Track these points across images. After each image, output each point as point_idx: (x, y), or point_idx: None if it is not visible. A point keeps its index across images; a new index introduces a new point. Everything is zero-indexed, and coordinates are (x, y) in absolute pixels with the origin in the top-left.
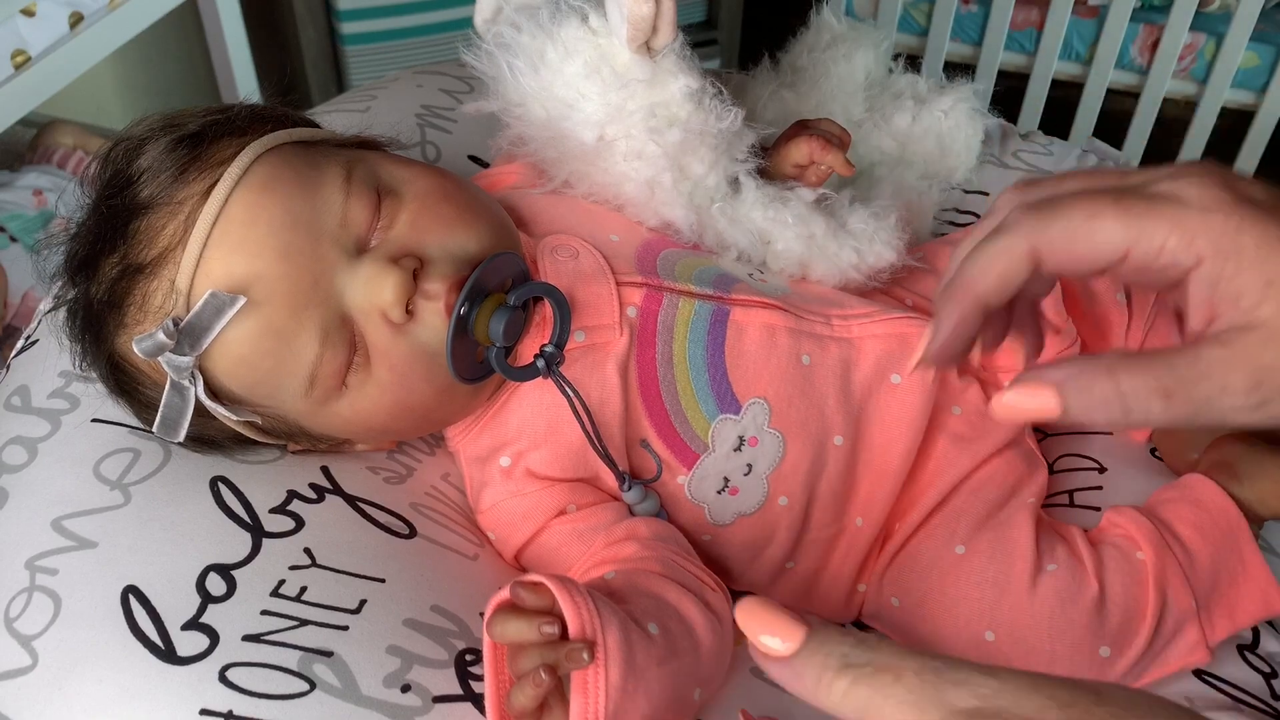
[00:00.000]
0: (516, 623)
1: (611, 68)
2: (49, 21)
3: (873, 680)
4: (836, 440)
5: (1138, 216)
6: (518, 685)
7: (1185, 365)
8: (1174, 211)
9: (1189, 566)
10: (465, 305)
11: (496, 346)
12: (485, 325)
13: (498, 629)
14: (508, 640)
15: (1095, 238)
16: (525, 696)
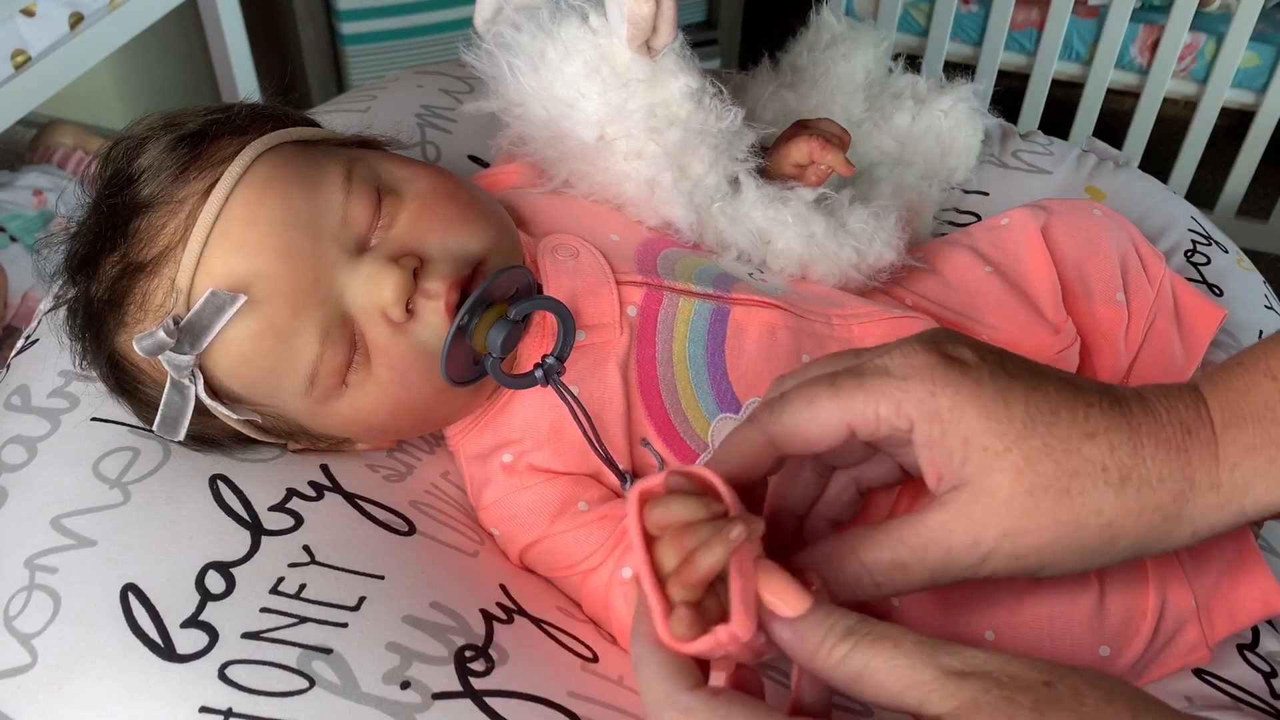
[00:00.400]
0: (681, 503)
1: (611, 67)
2: (49, 21)
3: (873, 645)
4: None
5: (848, 395)
6: (706, 548)
7: (912, 536)
8: (880, 383)
9: (1189, 566)
10: (467, 316)
11: (493, 356)
12: (484, 335)
13: (663, 510)
14: (677, 519)
15: (817, 420)
16: (716, 555)
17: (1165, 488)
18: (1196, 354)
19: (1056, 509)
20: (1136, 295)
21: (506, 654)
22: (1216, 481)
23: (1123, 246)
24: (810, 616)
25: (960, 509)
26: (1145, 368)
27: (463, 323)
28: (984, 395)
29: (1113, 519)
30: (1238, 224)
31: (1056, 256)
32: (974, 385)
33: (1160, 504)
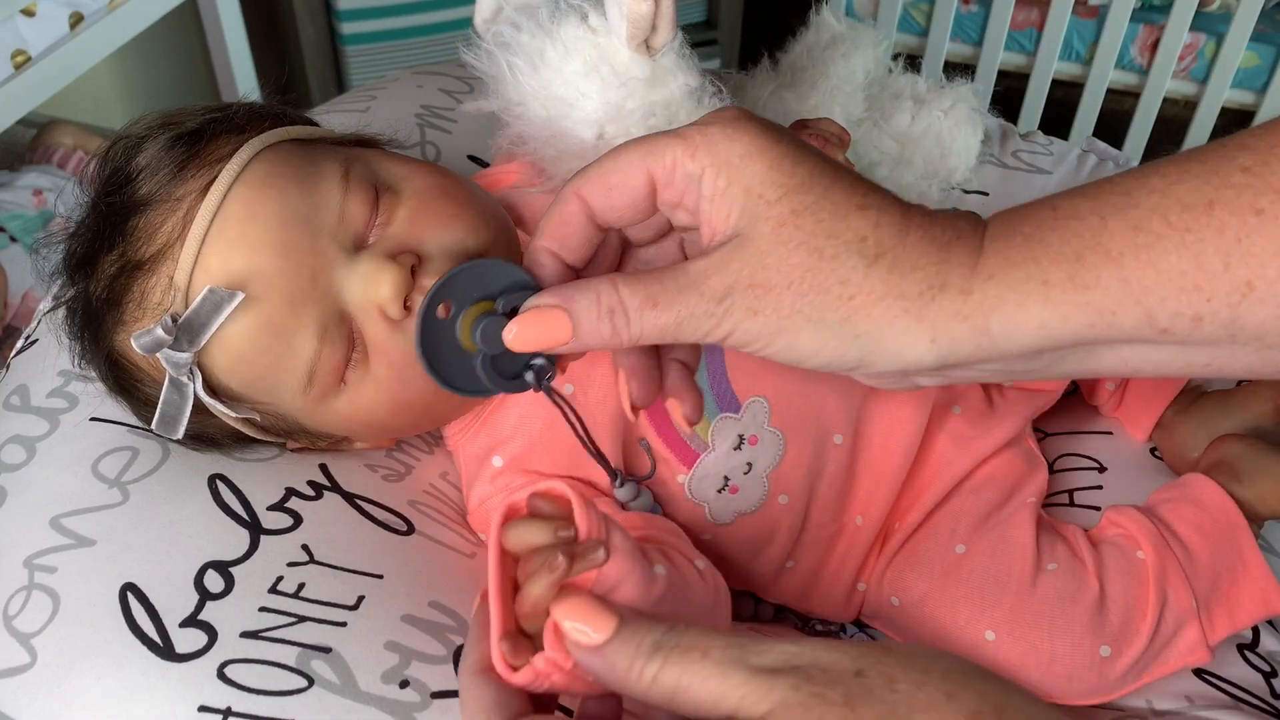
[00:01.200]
0: (532, 527)
1: (611, 66)
2: (49, 21)
3: (681, 659)
4: (836, 439)
5: (651, 141)
6: (532, 579)
7: (671, 277)
8: (685, 131)
9: (1189, 566)
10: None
11: (483, 353)
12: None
13: (514, 534)
14: (524, 544)
15: (619, 166)
16: (540, 586)
17: (916, 277)
18: None
19: (805, 267)
20: None
21: None
22: (968, 287)
23: None
24: (616, 639)
25: (721, 257)
26: None
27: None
28: (776, 151)
29: (855, 293)
30: None
31: None
32: (771, 141)
33: (905, 293)
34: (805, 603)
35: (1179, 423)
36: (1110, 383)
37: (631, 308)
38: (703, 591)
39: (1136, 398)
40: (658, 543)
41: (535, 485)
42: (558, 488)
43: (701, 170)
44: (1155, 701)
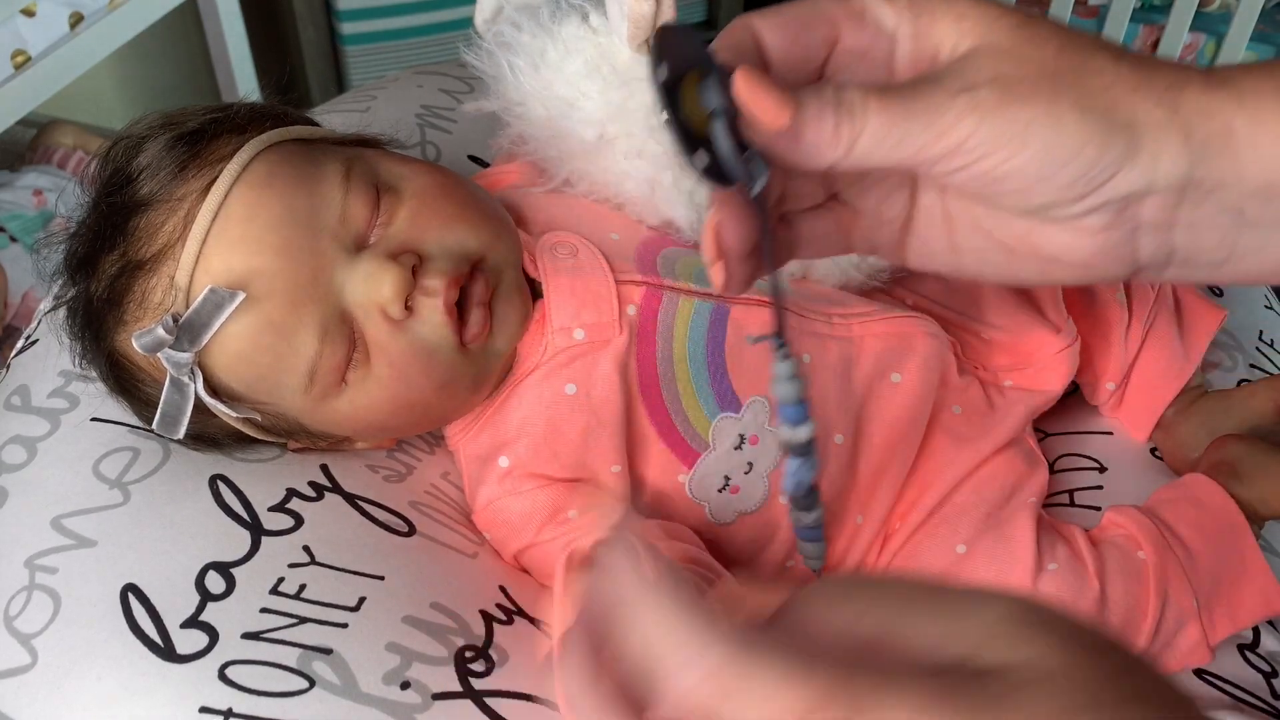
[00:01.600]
0: None
1: (612, 66)
2: (49, 21)
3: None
4: (837, 439)
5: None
6: None
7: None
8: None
9: (1190, 566)
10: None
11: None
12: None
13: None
14: None
15: (804, 6)
16: None
17: (1163, 72)
18: (1196, 354)
19: (1059, 52)
20: (1137, 295)
21: (506, 655)
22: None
23: None
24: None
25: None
26: (1146, 368)
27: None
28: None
29: (1111, 83)
30: None
31: None
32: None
33: (1154, 85)
34: None
35: (1179, 423)
36: (1110, 382)
37: (856, 101)
38: None
39: (1137, 398)
40: (693, 563)
41: (598, 532)
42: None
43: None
44: None
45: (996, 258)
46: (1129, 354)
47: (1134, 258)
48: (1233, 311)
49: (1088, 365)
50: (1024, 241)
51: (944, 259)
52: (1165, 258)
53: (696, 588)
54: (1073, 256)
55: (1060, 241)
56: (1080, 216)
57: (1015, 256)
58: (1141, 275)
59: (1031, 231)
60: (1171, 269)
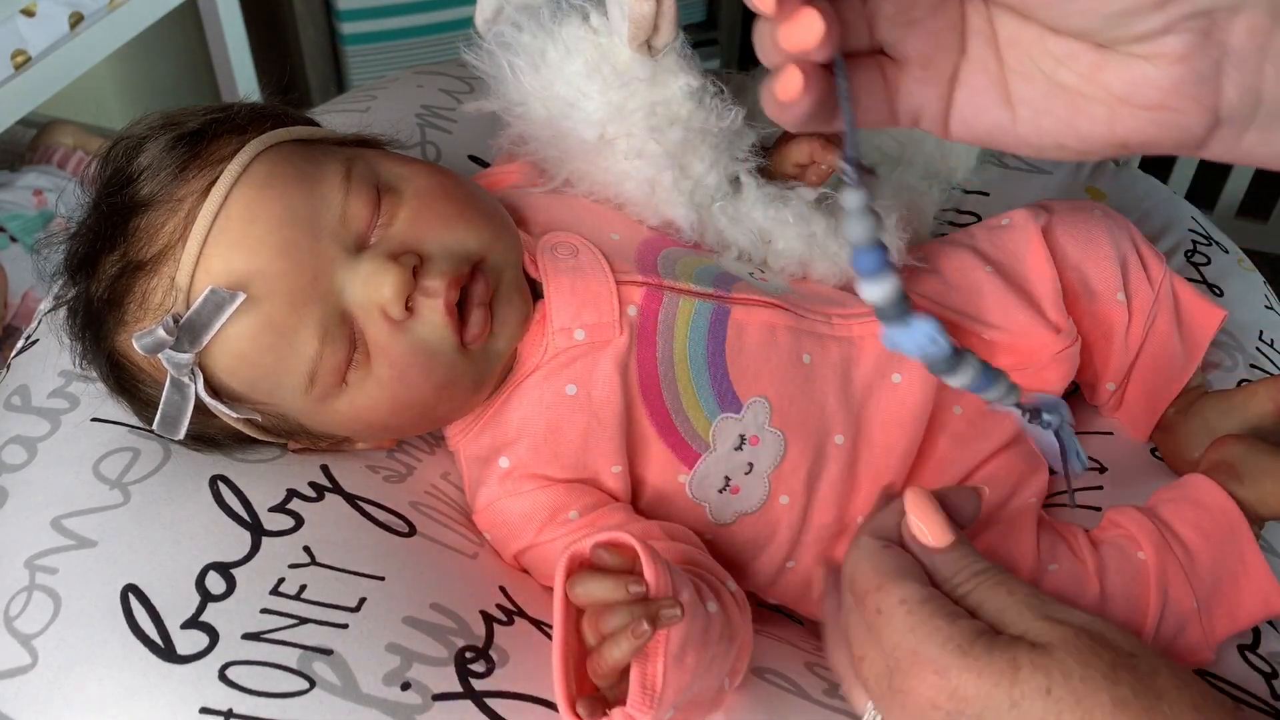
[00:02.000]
0: (601, 583)
1: (612, 66)
2: (49, 21)
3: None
4: (837, 439)
5: None
6: (612, 641)
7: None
8: None
9: (1190, 567)
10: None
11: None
12: None
13: (581, 589)
14: (594, 600)
15: None
16: (622, 651)
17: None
18: (1197, 354)
19: None
20: (1137, 295)
21: (507, 655)
22: None
23: (1123, 247)
24: (947, 554)
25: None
26: (1146, 368)
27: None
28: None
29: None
30: (1238, 224)
31: (1057, 257)
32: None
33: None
34: (805, 604)
35: (1180, 423)
36: (1110, 382)
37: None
38: (739, 619)
39: (1137, 398)
40: (693, 565)
41: (598, 535)
42: (621, 537)
43: None
44: None
45: (1057, 106)
46: (1129, 354)
47: (1216, 102)
48: (1233, 311)
49: (1088, 365)
50: (1093, 80)
51: (994, 116)
52: (1251, 108)
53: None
54: (1148, 94)
55: (1135, 74)
56: (1160, 35)
57: (1080, 100)
58: (1219, 138)
59: (1102, 65)
60: (1254, 129)
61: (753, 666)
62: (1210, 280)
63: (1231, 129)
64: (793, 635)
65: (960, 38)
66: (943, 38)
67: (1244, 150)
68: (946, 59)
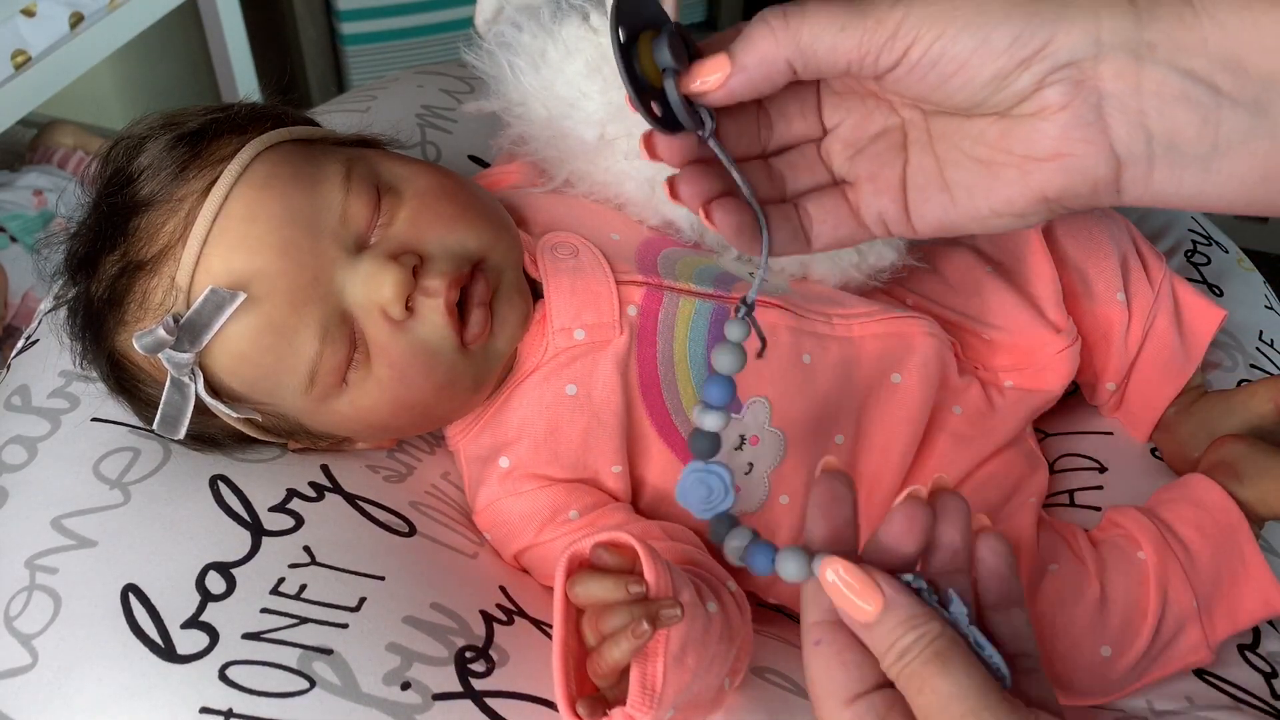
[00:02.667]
0: (601, 583)
1: (613, 66)
2: (49, 21)
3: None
4: (837, 439)
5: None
6: (612, 641)
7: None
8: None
9: (1190, 566)
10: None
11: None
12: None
13: (581, 589)
14: (594, 600)
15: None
16: (622, 651)
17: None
18: (1197, 354)
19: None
20: (1137, 295)
21: (507, 655)
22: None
23: (1123, 246)
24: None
25: None
26: (1146, 368)
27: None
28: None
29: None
30: (1238, 224)
31: (1057, 257)
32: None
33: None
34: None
35: (1180, 423)
36: (1110, 382)
37: (798, 3)
38: (739, 619)
39: (1137, 398)
40: (693, 565)
41: (598, 535)
42: (621, 537)
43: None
44: (1156, 702)
45: (980, 180)
46: (1129, 354)
47: (1109, 144)
48: (1233, 311)
49: (1088, 365)
50: (999, 148)
51: (939, 204)
52: (1144, 145)
53: (697, 589)
54: (1043, 145)
55: (1029, 130)
56: (1036, 91)
57: (995, 169)
58: (1129, 176)
59: (1006, 133)
60: (1159, 168)
61: (753, 666)
62: (1210, 280)
63: (1137, 168)
64: (793, 635)
65: (902, 151)
66: (884, 156)
67: (1157, 190)
68: (892, 171)
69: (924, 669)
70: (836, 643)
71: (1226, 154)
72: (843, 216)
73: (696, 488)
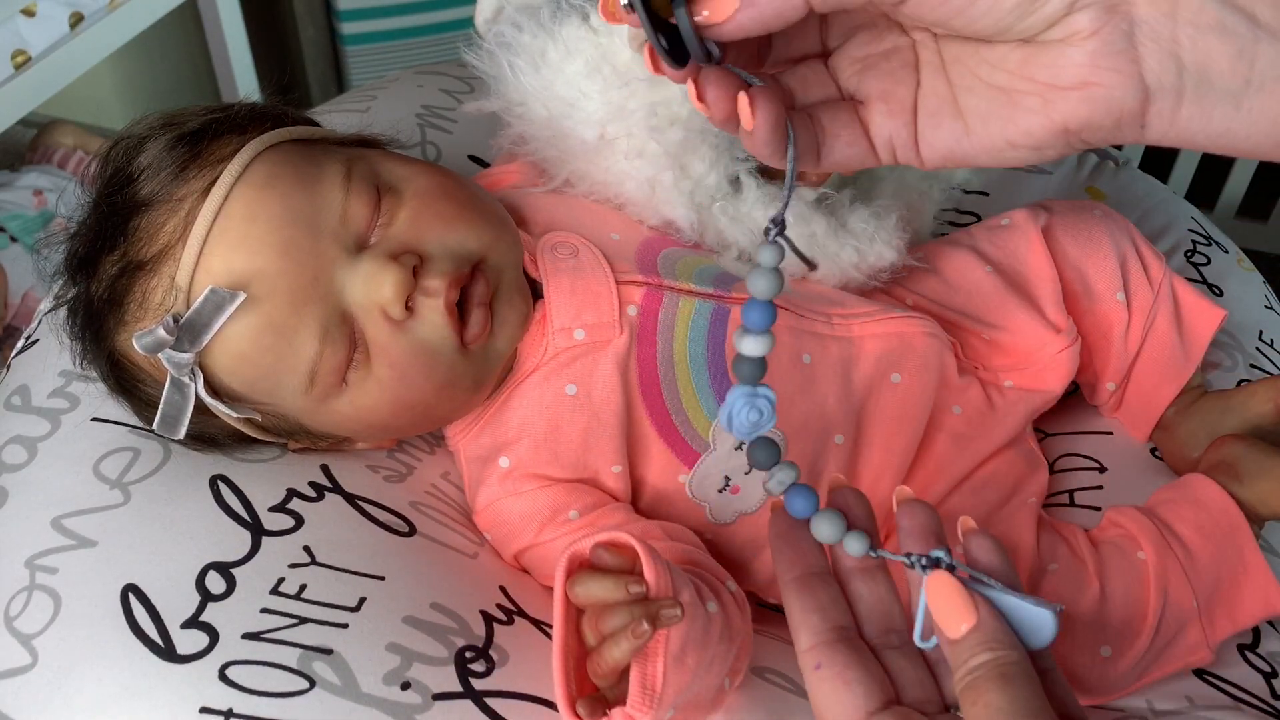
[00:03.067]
0: (601, 583)
1: (613, 66)
2: (49, 21)
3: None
4: (837, 439)
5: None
6: (612, 641)
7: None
8: None
9: (1190, 566)
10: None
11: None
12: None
13: (581, 589)
14: (594, 600)
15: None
16: (622, 651)
17: None
18: (1197, 354)
19: None
20: (1137, 295)
21: (507, 655)
22: None
23: (1123, 247)
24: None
25: None
26: (1146, 368)
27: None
28: None
29: None
30: (1238, 224)
31: (1057, 256)
32: None
33: None
34: None
35: (1179, 423)
36: (1110, 382)
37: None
38: (739, 619)
39: (1137, 398)
40: (693, 565)
41: (598, 535)
42: (621, 537)
43: None
44: (1156, 702)
45: (998, 107)
46: (1129, 354)
47: (1137, 71)
48: (1233, 311)
49: (1088, 365)
50: (1021, 74)
51: (950, 131)
52: (1175, 76)
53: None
54: (1070, 73)
55: (1055, 57)
56: (1066, 16)
57: (1015, 96)
58: (1156, 109)
59: (1028, 59)
60: (1187, 102)
61: (753, 666)
62: (1210, 280)
63: (1165, 101)
64: None
65: (914, 71)
66: (897, 74)
67: (1183, 127)
68: (905, 91)
69: (985, 683)
70: (836, 663)
71: (1260, 91)
72: (856, 134)
73: (747, 411)
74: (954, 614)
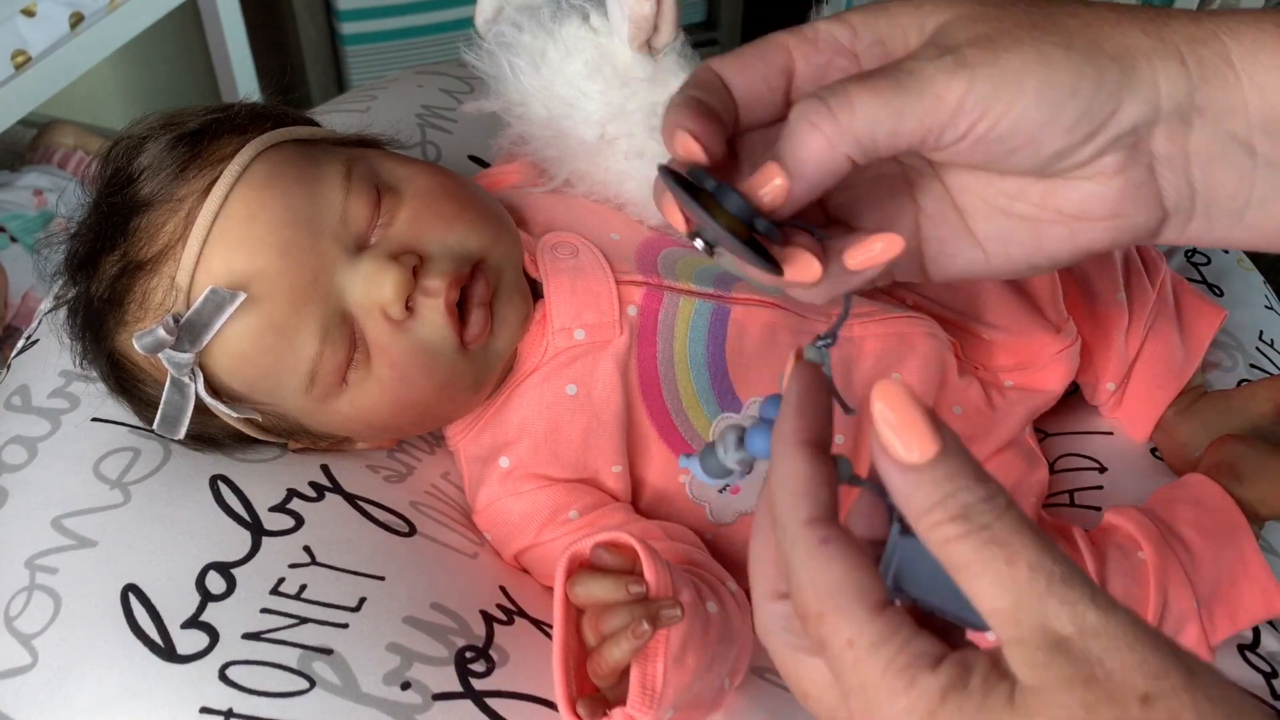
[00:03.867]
0: (602, 583)
1: (613, 66)
2: (49, 21)
3: (983, 549)
4: (837, 439)
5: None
6: (613, 641)
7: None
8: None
9: (1190, 566)
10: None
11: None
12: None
13: (581, 590)
14: (594, 600)
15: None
16: (622, 651)
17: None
18: (1197, 354)
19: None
20: (1137, 295)
21: (507, 655)
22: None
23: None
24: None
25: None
26: (1146, 368)
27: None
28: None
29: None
30: None
31: None
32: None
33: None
34: None
35: (1180, 423)
36: (1110, 382)
37: (837, 88)
38: (740, 619)
39: (1137, 398)
40: (692, 565)
41: (598, 535)
42: (621, 537)
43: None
44: None
45: (1022, 235)
46: (1129, 354)
47: (1159, 199)
48: (1233, 311)
49: (1088, 365)
50: (1046, 206)
51: (967, 257)
52: (1189, 200)
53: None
54: (1099, 208)
55: (1083, 194)
56: (1095, 159)
57: (1039, 225)
58: (1170, 227)
59: (1052, 193)
60: (1196, 220)
61: (753, 666)
62: (1210, 280)
63: (1178, 219)
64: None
65: (910, 201)
66: (890, 207)
67: (1190, 237)
68: (903, 222)
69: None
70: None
71: (1259, 208)
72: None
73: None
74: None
